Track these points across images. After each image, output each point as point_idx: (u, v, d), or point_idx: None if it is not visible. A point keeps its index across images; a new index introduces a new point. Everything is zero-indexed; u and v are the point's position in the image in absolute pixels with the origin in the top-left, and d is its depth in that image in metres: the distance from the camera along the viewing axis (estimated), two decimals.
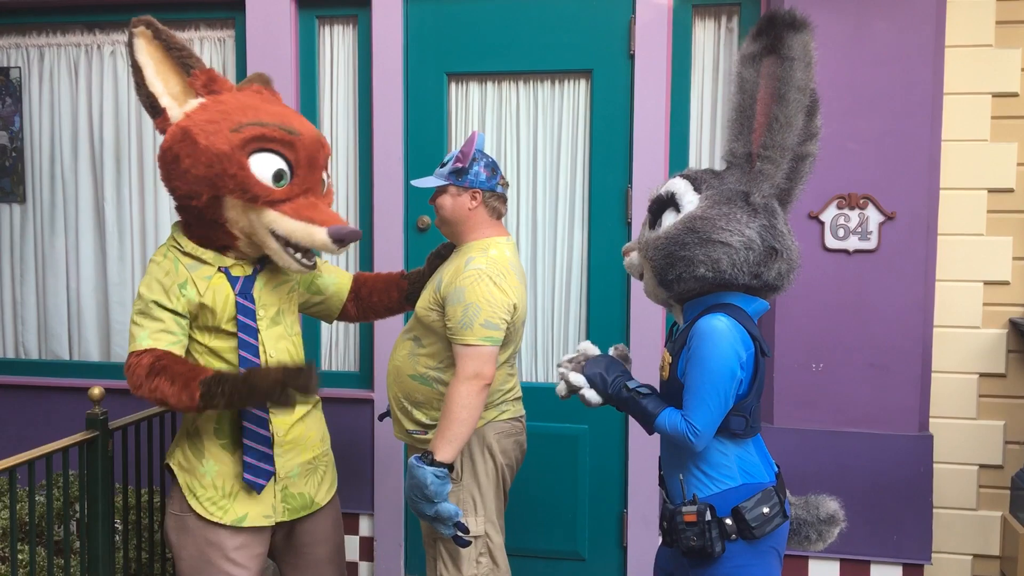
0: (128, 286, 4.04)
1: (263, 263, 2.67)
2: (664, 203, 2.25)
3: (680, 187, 2.23)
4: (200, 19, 3.89)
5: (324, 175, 2.64)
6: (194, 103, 2.54)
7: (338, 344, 3.91)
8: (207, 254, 2.57)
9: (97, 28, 3.99)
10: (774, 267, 2.15)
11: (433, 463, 2.43)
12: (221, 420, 2.58)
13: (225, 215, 2.52)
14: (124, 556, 2.95)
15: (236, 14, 3.80)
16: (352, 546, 3.79)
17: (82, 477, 2.78)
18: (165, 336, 2.50)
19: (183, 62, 2.57)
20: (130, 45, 2.55)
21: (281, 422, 2.63)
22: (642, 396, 2.22)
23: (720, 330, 2.08)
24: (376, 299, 2.99)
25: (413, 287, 2.93)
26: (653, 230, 2.26)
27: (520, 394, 2.83)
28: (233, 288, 2.58)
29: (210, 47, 3.90)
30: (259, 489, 2.57)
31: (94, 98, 4.02)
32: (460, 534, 2.50)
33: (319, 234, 2.49)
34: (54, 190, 4.10)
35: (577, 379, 2.35)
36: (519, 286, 2.63)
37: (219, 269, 2.58)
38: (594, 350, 2.43)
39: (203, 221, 2.55)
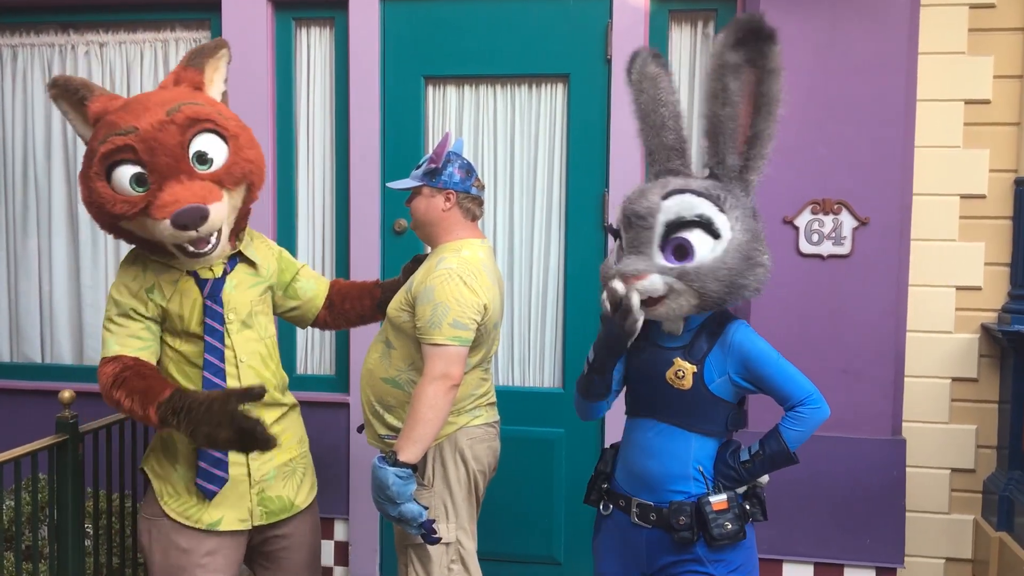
0: (101, 289, 4.00)
1: (234, 263, 2.64)
2: (686, 224, 2.16)
3: (707, 208, 2.16)
4: (176, 20, 3.86)
5: (188, 150, 2.44)
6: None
7: (314, 348, 3.89)
8: (174, 260, 2.54)
9: (71, 28, 3.95)
10: None
11: (396, 463, 2.41)
12: None
13: (141, 236, 2.51)
14: (95, 561, 2.92)
15: (212, 15, 3.78)
16: (327, 551, 3.77)
17: (52, 481, 2.75)
18: (133, 342, 2.49)
19: (82, 100, 2.56)
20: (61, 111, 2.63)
21: None
22: (763, 455, 2.23)
23: (753, 331, 2.28)
24: (349, 306, 2.96)
25: (386, 295, 2.90)
26: (667, 254, 2.18)
27: (494, 399, 2.82)
28: (201, 291, 2.55)
29: (186, 48, 3.87)
30: (210, 495, 2.53)
31: None
32: (427, 533, 2.47)
33: (165, 229, 2.38)
34: (27, 192, 4.05)
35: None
36: (491, 287, 2.60)
37: (187, 272, 2.55)
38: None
39: (141, 244, 2.57)
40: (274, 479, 2.65)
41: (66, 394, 2.75)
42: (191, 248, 2.44)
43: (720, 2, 3.50)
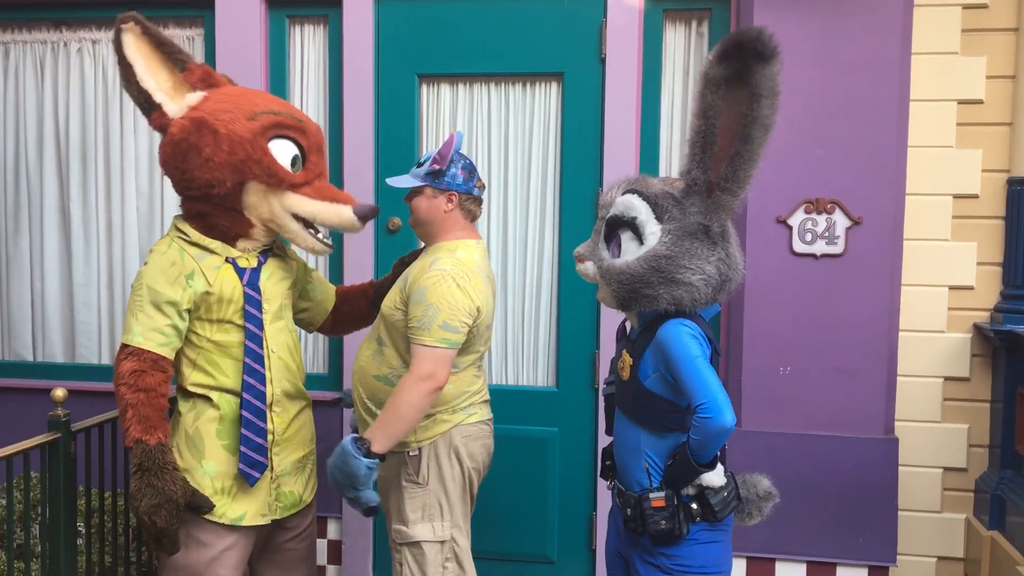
0: (93, 287, 3.99)
1: (266, 256, 2.71)
2: (622, 223, 2.25)
3: (642, 212, 2.22)
4: (168, 17, 3.84)
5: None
6: (195, 96, 2.61)
7: (307, 346, 3.88)
8: (214, 244, 2.60)
9: (64, 25, 3.94)
10: (725, 291, 2.26)
11: (369, 454, 2.43)
12: (224, 421, 2.60)
13: (245, 201, 2.58)
14: (87, 560, 2.91)
15: (205, 12, 3.76)
16: (320, 549, 3.76)
17: (44, 480, 2.74)
18: (156, 336, 2.52)
19: (174, 57, 2.64)
20: (117, 42, 2.59)
21: (281, 419, 2.67)
22: (677, 459, 2.19)
23: (686, 331, 2.16)
24: (347, 309, 3.04)
25: (379, 294, 2.94)
26: (610, 248, 2.29)
27: (488, 397, 2.82)
28: (241, 279, 2.61)
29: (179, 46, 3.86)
30: (252, 481, 2.58)
31: (60, 96, 3.96)
32: (369, 512, 2.54)
33: (345, 212, 2.62)
34: (19, 189, 4.04)
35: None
36: (484, 289, 2.61)
37: (226, 259, 2.61)
38: None
39: (221, 209, 2.59)
40: (289, 474, 2.71)
41: (59, 392, 2.74)
42: (321, 236, 2.69)
43: (714, 1, 3.50)
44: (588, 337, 3.61)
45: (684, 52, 3.58)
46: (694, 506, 2.20)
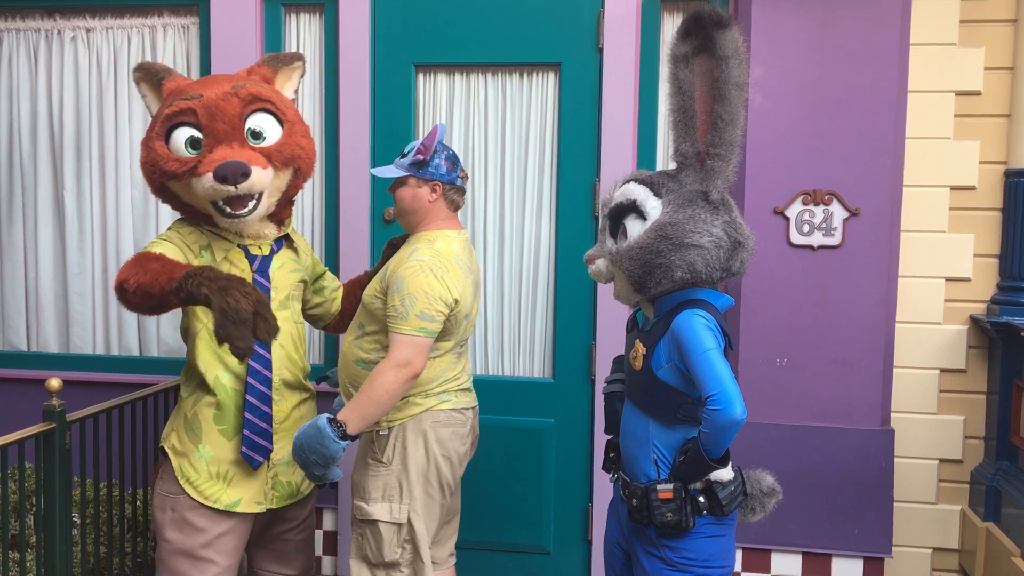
0: (87, 276, 3.97)
1: (280, 245, 2.75)
2: (624, 210, 2.29)
3: (640, 193, 2.27)
4: (163, 6, 3.82)
5: (244, 123, 2.61)
6: None
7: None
8: (228, 233, 2.67)
9: (57, 13, 3.91)
10: (738, 258, 2.26)
11: (344, 436, 2.46)
12: (222, 407, 2.62)
13: (186, 199, 2.63)
14: (82, 551, 2.90)
15: (200, 1, 3.74)
16: (316, 540, 3.75)
17: (39, 470, 2.73)
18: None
19: (160, 81, 2.75)
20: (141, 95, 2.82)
21: (280, 408, 2.69)
22: (689, 454, 2.18)
23: (701, 322, 2.15)
24: (347, 304, 3.07)
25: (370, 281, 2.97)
26: (617, 239, 2.31)
27: (468, 385, 2.83)
28: (251, 265, 2.65)
29: (173, 35, 3.84)
30: (255, 465, 2.61)
31: (54, 85, 3.94)
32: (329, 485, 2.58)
33: (206, 181, 2.51)
34: (12, 179, 4.01)
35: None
36: (463, 280, 2.63)
37: (238, 245, 2.66)
38: None
39: (184, 210, 2.68)
40: (287, 464, 2.72)
41: (54, 382, 2.74)
42: (228, 208, 2.55)
43: None
44: (584, 329, 3.60)
45: None
46: (701, 499, 2.20)
